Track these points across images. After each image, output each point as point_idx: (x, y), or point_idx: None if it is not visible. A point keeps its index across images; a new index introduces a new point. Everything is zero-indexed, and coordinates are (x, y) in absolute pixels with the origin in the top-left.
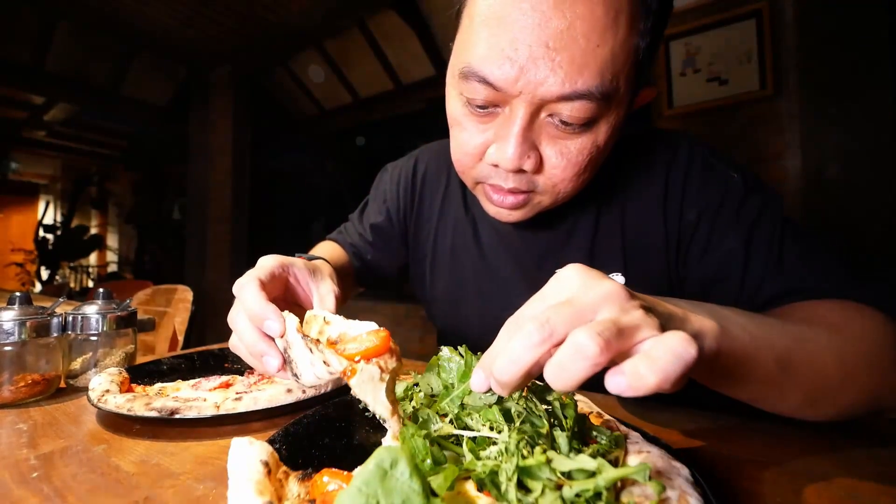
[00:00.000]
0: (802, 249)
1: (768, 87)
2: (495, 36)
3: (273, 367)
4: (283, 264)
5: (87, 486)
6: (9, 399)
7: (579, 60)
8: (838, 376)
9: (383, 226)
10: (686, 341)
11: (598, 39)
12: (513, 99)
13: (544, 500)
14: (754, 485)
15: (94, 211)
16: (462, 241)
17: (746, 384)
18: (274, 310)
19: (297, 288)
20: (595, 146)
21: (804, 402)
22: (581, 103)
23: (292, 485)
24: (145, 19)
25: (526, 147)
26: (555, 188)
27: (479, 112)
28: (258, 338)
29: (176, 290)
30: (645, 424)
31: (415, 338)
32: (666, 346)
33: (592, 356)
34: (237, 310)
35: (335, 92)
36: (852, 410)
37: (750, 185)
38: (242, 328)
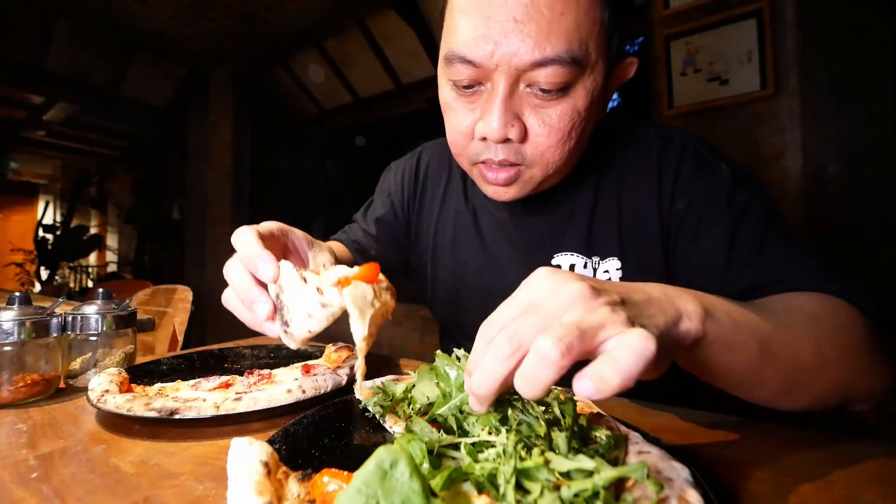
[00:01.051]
0: (785, 244)
1: (769, 87)
2: (471, 20)
3: (263, 314)
4: (282, 229)
5: (87, 487)
6: (8, 399)
7: (546, 29)
8: (815, 364)
9: (387, 219)
10: (645, 338)
11: (561, 9)
12: (492, 73)
13: (543, 500)
14: (754, 485)
15: (93, 211)
16: (463, 232)
17: (730, 370)
18: (269, 255)
19: (294, 255)
20: (575, 112)
21: (783, 389)
22: (553, 68)
23: (292, 485)
24: (145, 19)
25: (509, 116)
26: (542, 157)
27: (465, 93)
28: (250, 283)
29: (176, 290)
30: (645, 424)
31: (415, 338)
32: (627, 346)
33: (555, 362)
34: (233, 259)
35: (335, 92)
36: (824, 400)
37: (738, 179)
38: (235, 274)
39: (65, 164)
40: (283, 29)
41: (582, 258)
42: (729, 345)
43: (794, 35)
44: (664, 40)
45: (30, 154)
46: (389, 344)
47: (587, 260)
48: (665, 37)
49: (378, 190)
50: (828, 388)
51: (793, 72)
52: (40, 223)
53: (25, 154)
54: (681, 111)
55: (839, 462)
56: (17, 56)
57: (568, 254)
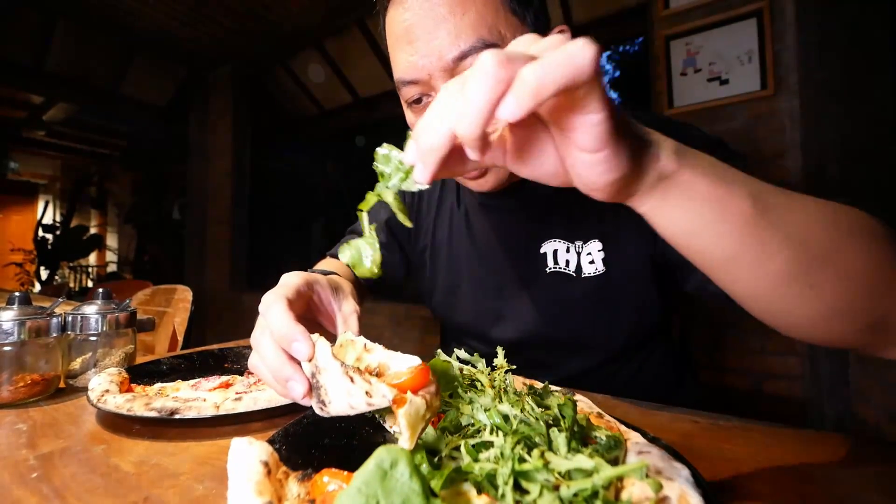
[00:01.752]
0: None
1: (769, 87)
2: (401, 50)
3: (299, 394)
4: (308, 282)
5: (87, 487)
6: (8, 399)
7: (454, 30)
8: (830, 234)
9: (389, 222)
10: (580, 43)
11: (460, 11)
12: (434, 82)
13: (542, 500)
14: (755, 485)
15: (93, 211)
16: (457, 232)
17: (718, 228)
18: (303, 331)
19: (319, 306)
20: None
21: (794, 265)
22: (473, 58)
23: (292, 485)
24: (145, 19)
25: None
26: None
27: (419, 108)
28: (284, 361)
29: (175, 290)
30: (645, 424)
31: (415, 338)
32: (559, 49)
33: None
34: (262, 329)
35: (335, 92)
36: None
37: (713, 140)
38: (267, 350)
39: (65, 164)
40: (283, 29)
41: (564, 243)
42: (712, 194)
43: (794, 35)
44: (664, 40)
45: (30, 154)
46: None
47: (569, 244)
48: (665, 37)
49: None
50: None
51: (793, 72)
52: (40, 223)
53: (25, 154)
54: (681, 111)
55: (839, 462)
56: (17, 56)
57: (553, 241)
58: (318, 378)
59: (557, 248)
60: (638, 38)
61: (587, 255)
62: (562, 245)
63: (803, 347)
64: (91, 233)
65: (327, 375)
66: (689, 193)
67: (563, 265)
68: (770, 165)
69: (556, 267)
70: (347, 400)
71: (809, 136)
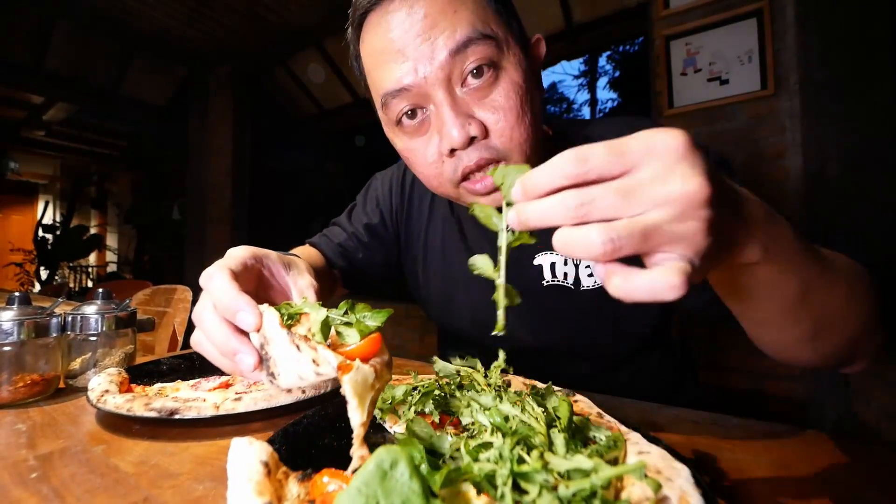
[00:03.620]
0: None
1: (769, 87)
2: (388, 63)
3: (248, 366)
4: (255, 255)
5: (86, 487)
6: (7, 399)
7: (448, 27)
8: (843, 311)
9: (378, 227)
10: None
11: (451, 9)
12: (428, 90)
13: (541, 500)
14: (755, 485)
15: (93, 211)
16: (450, 240)
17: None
18: (248, 300)
19: (271, 281)
20: (516, 85)
21: (810, 332)
22: (472, 48)
23: (292, 485)
24: (145, 19)
25: (462, 118)
26: (512, 140)
27: (413, 126)
28: (229, 334)
29: (175, 291)
30: (645, 424)
31: (415, 338)
32: (647, 276)
33: (592, 252)
34: (204, 303)
35: (335, 92)
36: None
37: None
38: (210, 324)
39: (64, 164)
40: (283, 29)
41: (562, 255)
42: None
43: (794, 35)
44: (664, 40)
45: (29, 154)
46: (389, 344)
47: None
48: (665, 37)
49: (364, 198)
50: (847, 339)
51: (793, 72)
52: (40, 223)
53: (25, 154)
54: (681, 111)
55: (839, 462)
56: (17, 55)
57: (548, 253)
58: (267, 349)
59: (555, 261)
60: (638, 38)
61: (586, 268)
62: (559, 257)
63: None
64: (91, 233)
65: (275, 346)
66: (756, 281)
67: (562, 278)
68: (770, 165)
69: (555, 280)
70: (296, 370)
71: (809, 136)
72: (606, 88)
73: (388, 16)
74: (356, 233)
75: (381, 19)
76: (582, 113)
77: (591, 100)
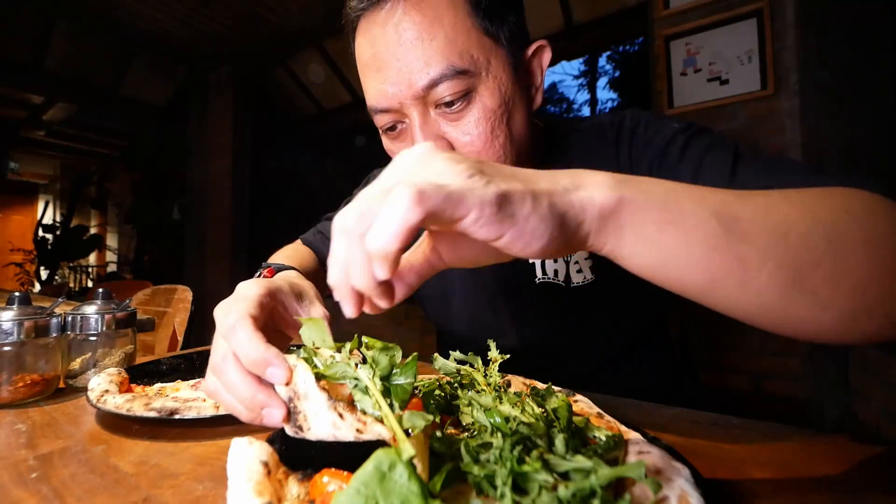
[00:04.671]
0: (763, 164)
1: (769, 87)
2: (371, 77)
3: (276, 421)
4: (270, 292)
5: (86, 487)
6: (7, 399)
7: (423, 57)
8: (822, 236)
9: None
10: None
11: (430, 36)
12: (405, 109)
13: (541, 500)
14: (755, 485)
15: (93, 211)
16: None
17: (686, 254)
18: (277, 354)
19: (284, 315)
20: (488, 111)
21: (786, 276)
22: (445, 84)
23: (292, 485)
24: (145, 19)
25: (430, 138)
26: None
27: (394, 135)
28: (256, 387)
29: (175, 290)
30: (645, 424)
31: (415, 338)
32: (383, 211)
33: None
34: (223, 353)
35: (335, 92)
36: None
37: (694, 129)
38: (233, 377)
39: (64, 164)
40: (283, 29)
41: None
42: (668, 219)
43: (794, 35)
44: (664, 40)
45: (29, 154)
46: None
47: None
48: (665, 37)
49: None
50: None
51: (793, 72)
52: (40, 223)
53: (25, 154)
54: (681, 111)
55: (840, 462)
56: (17, 55)
57: None
58: (297, 403)
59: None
60: (638, 38)
61: (575, 264)
62: None
63: (803, 347)
64: (91, 233)
65: (309, 404)
66: (641, 225)
67: (552, 275)
68: None
69: (546, 277)
70: (332, 431)
71: (809, 136)
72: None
73: (374, 27)
74: None
75: (369, 28)
76: (582, 113)
77: (591, 100)
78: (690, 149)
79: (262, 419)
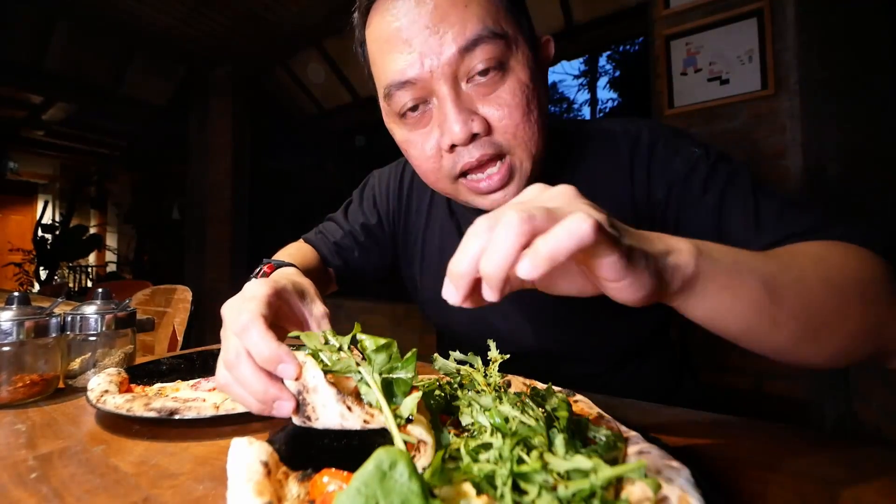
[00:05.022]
0: (778, 205)
1: (769, 87)
2: (394, 52)
3: (286, 412)
4: (276, 291)
5: (86, 487)
6: (7, 399)
7: (458, 21)
8: (832, 302)
9: (375, 227)
10: (580, 219)
11: (462, 3)
12: (432, 85)
13: (541, 500)
14: (755, 485)
15: (93, 211)
16: (449, 243)
17: (736, 313)
18: (287, 352)
19: (288, 313)
20: (523, 84)
21: (802, 332)
22: (481, 48)
23: (292, 485)
24: (145, 19)
25: (465, 114)
26: (516, 137)
27: (414, 119)
28: (268, 382)
29: (175, 290)
30: (645, 424)
31: (415, 338)
32: (563, 224)
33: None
34: (236, 350)
35: (335, 92)
36: (855, 345)
37: (714, 157)
38: (247, 372)
39: (64, 163)
40: (283, 29)
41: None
42: (728, 284)
43: (794, 35)
44: (664, 40)
45: (29, 154)
46: None
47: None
48: (665, 37)
49: (361, 196)
50: (854, 329)
51: (793, 72)
52: (39, 223)
53: (24, 154)
54: (681, 111)
55: (840, 462)
56: (16, 55)
57: None
58: (306, 396)
59: None
60: (638, 38)
61: None
62: None
63: None
64: (91, 233)
65: (318, 397)
66: (709, 289)
67: None
68: (770, 165)
69: None
70: (340, 421)
71: (809, 136)
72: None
73: (397, 2)
74: (353, 231)
75: (389, 5)
76: (582, 113)
77: (591, 100)
78: (713, 180)
79: (272, 411)
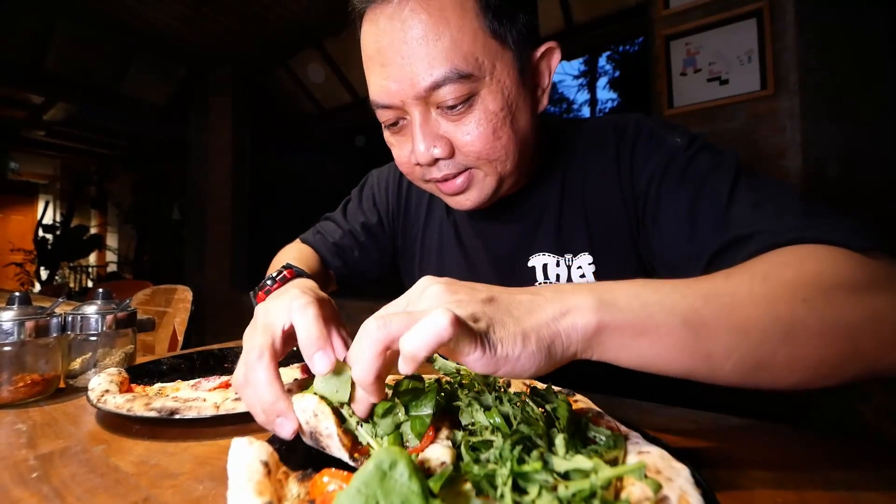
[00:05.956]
0: (756, 198)
1: (769, 87)
2: (375, 72)
3: (286, 433)
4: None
5: (87, 487)
6: (8, 399)
7: (427, 58)
8: (778, 325)
9: (375, 226)
10: (437, 314)
11: (435, 36)
12: (407, 107)
13: (541, 501)
14: (755, 485)
15: (93, 211)
16: (447, 242)
17: (662, 356)
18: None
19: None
20: (490, 114)
21: (751, 362)
22: (449, 87)
23: (292, 485)
24: (145, 19)
25: (430, 139)
26: (480, 159)
27: (395, 130)
28: (279, 394)
29: (175, 290)
30: (645, 424)
31: None
32: (421, 323)
33: (372, 336)
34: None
35: (335, 92)
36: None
37: (697, 147)
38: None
39: (65, 163)
40: (283, 29)
41: (554, 257)
42: (643, 331)
43: (793, 35)
44: (664, 40)
45: (29, 154)
46: None
47: (559, 258)
48: (665, 37)
49: (361, 195)
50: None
51: (793, 72)
52: (40, 223)
53: (25, 154)
54: (681, 111)
55: (840, 462)
56: (17, 55)
57: (541, 254)
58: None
59: (547, 262)
60: (638, 38)
61: (577, 269)
62: (551, 259)
63: None
64: (91, 233)
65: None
66: (619, 340)
67: (554, 279)
68: (770, 165)
69: (547, 282)
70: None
71: (809, 136)
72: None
73: (382, 19)
74: (353, 230)
75: (377, 18)
76: (582, 113)
77: (591, 100)
78: (691, 171)
79: (273, 426)
